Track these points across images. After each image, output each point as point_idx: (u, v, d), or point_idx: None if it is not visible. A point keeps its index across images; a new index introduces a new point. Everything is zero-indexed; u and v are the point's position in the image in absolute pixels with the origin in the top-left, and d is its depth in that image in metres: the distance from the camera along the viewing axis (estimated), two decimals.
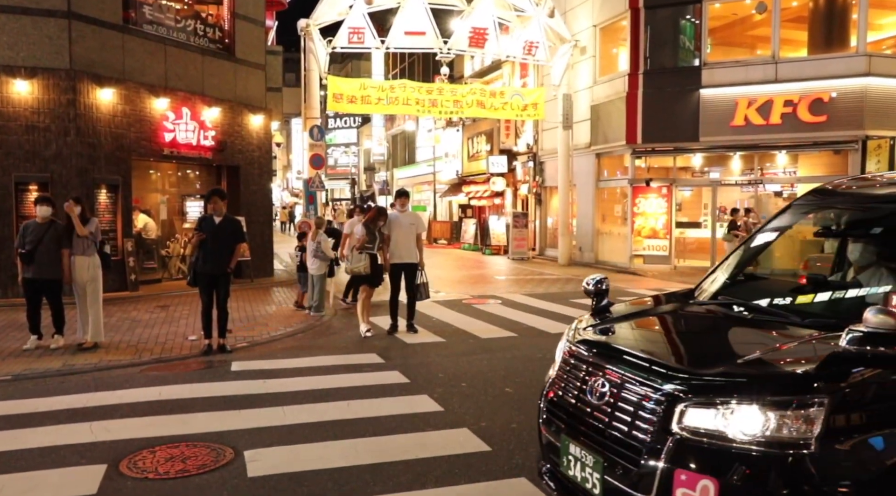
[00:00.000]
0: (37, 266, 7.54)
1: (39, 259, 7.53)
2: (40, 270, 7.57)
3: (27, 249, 7.52)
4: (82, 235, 7.67)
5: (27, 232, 7.62)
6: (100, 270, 7.90)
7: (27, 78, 11.31)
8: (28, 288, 7.68)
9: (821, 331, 2.78)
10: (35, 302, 7.74)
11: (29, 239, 7.54)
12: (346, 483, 3.97)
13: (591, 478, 2.76)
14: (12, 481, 4.01)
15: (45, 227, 7.61)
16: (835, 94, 14.43)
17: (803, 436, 2.27)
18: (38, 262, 7.53)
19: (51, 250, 7.57)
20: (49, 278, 7.61)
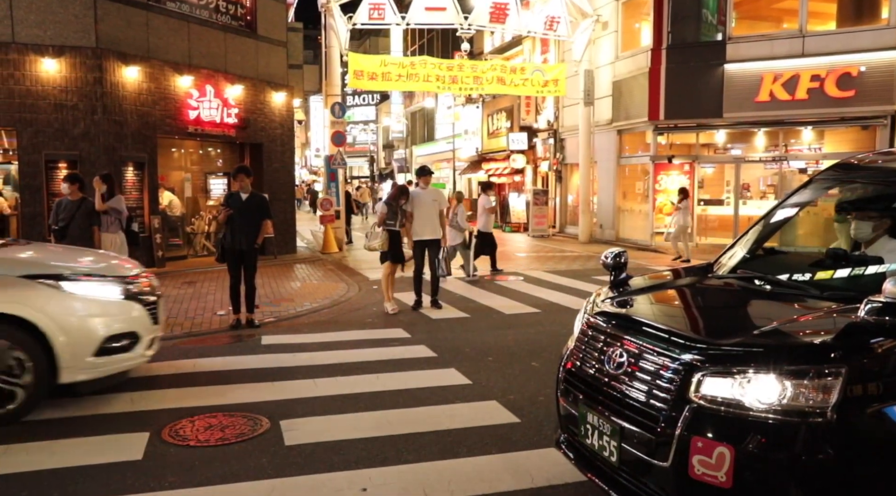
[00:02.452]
0: (69, 242, 7.75)
1: (71, 234, 7.74)
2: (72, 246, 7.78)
3: (60, 226, 7.75)
4: (100, 210, 7.92)
5: (60, 209, 7.84)
6: (125, 247, 8.12)
7: (55, 56, 11.45)
8: None
9: (840, 303, 2.81)
10: None
11: (62, 216, 7.76)
12: (380, 451, 4.11)
13: (609, 447, 2.85)
14: (62, 446, 4.22)
15: (76, 203, 7.82)
16: (864, 68, 14.15)
17: (820, 405, 2.33)
18: (70, 238, 7.74)
19: (82, 226, 7.79)
20: None
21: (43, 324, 4.58)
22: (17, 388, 4.53)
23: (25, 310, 4.56)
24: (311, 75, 43.47)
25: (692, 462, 2.47)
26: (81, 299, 4.83)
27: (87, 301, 4.86)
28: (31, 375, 4.57)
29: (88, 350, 4.78)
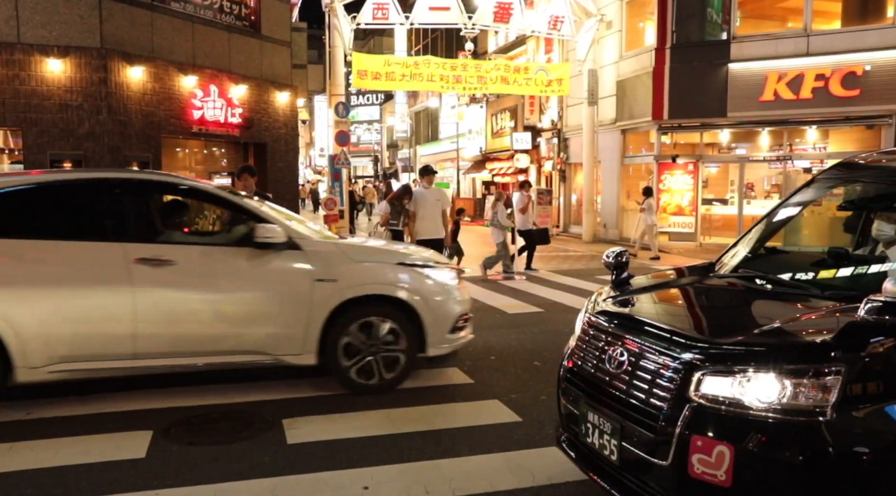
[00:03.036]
0: None
1: None
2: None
3: None
4: None
5: None
6: None
7: (60, 57, 11.51)
8: None
9: (841, 302, 2.81)
10: None
11: None
12: (382, 450, 4.12)
13: (609, 445, 2.85)
14: (65, 444, 4.24)
15: None
16: (868, 68, 14.11)
17: (819, 404, 2.33)
18: None
19: None
20: None
21: (416, 305, 5.15)
22: (400, 355, 5.17)
23: (403, 292, 5.17)
24: (315, 75, 43.55)
25: (692, 461, 2.47)
26: (440, 283, 5.35)
27: (442, 285, 5.37)
28: (406, 350, 5.17)
29: (447, 327, 5.32)
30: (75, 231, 4.90)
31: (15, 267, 4.59)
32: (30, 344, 4.52)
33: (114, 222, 4.96)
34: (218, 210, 5.82)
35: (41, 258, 4.67)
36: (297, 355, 5.01)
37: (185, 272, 4.82)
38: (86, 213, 5.05)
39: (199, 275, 4.89)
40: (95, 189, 5.07)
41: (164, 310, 4.76)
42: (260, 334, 4.91)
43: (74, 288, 4.66)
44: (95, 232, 4.91)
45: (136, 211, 5.04)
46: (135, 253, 4.71)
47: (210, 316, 4.91)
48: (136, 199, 5.09)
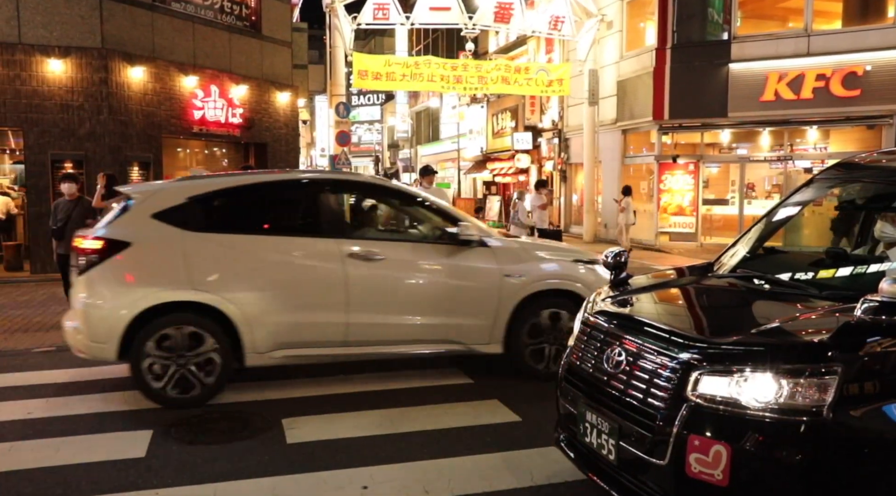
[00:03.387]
0: (66, 242, 7.67)
1: (69, 235, 7.68)
2: (69, 246, 7.73)
3: (58, 226, 7.75)
4: (95, 206, 7.86)
5: (58, 210, 7.86)
6: None
7: (61, 57, 11.53)
8: (61, 263, 7.92)
9: (839, 302, 2.82)
10: (69, 277, 7.96)
11: (60, 217, 7.76)
12: (381, 449, 4.13)
13: (607, 445, 2.86)
14: (66, 444, 4.25)
15: (73, 203, 7.81)
16: (869, 68, 14.09)
17: (816, 403, 2.33)
18: (67, 238, 7.68)
19: (79, 226, 7.65)
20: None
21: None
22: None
23: (577, 286, 5.44)
24: (316, 75, 43.54)
25: (689, 460, 2.48)
26: (602, 278, 5.37)
27: (603, 280, 5.50)
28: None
29: None
30: (296, 228, 5.39)
31: (245, 260, 4.97)
32: (257, 331, 4.89)
33: (329, 219, 5.38)
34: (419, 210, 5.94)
35: (268, 252, 5.05)
36: (485, 344, 5.35)
37: (391, 266, 5.20)
38: (305, 211, 5.46)
39: (404, 269, 5.26)
40: (311, 188, 5.54)
41: (373, 300, 5.14)
42: (456, 325, 5.26)
43: (296, 280, 5.04)
44: (313, 229, 5.28)
45: (347, 209, 5.64)
46: (348, 248, 5.10)
47: (414, 307, 5.24)
48: (345, 198, 5.70)
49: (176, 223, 4.92)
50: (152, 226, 4.90)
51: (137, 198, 5.09)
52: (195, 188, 5.24)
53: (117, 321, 4.70)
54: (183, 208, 4.98)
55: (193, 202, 5.04)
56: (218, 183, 5.54)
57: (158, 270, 4.85)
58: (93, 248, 4.82)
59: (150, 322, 4.75)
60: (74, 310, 5.03)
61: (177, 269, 4.82)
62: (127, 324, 4.70)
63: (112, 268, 4.78)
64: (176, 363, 4.76)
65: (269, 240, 5.14)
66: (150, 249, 4.88)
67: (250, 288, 4.89)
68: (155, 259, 4.88)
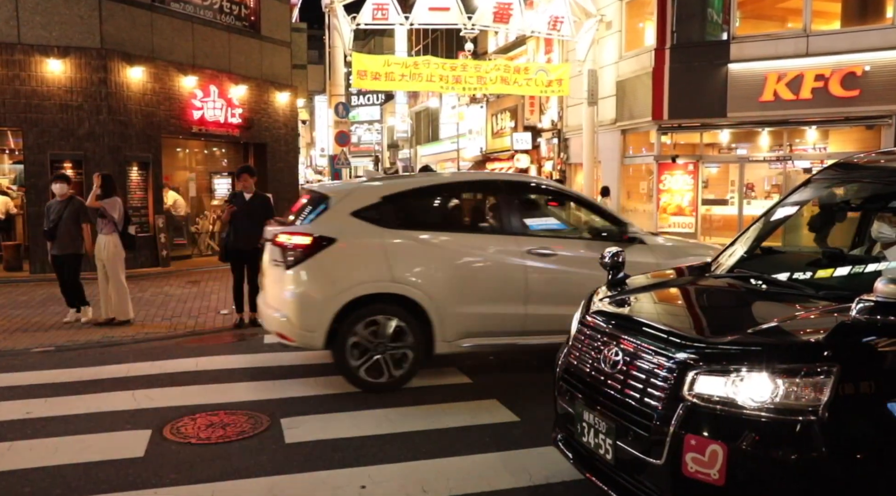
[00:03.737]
0: (58, 243, 7.70)
1: (60, 235, 7.67)
2: (61, 247, 7.72)
3: (49, 227, 7.69)
4: (90, 206, 7.77)
5: (50, 211, 7.79)
6: (118, 250, 7.79)
7: (60, 57, 11.53)
8: (55, 264, 7.90)
9: (835, 302, 2.82)
10: (63, 277, 7.93)
11: (52, 218, 7.70)
12: (380, 449, 4.13)
13: (604, 445, 2.87)
14: (65, 443, 4.26)
15: (63, 203, 7.73)
16: (868, 68, 14.10)
17: (812, 403, 2.34)
18: (59, 239, 7.69)
19: (69, 226, 7.70)
20: (68, 253, 7.75)
21: None
22: None
23: None
24: (315, 75, 43.52)
25: (685, 460, 2.48)
26: None
27: None
28: None
29: None
30: (480, 226, 5.91)
31: (437, 255, 5.36)
32: (447, 321, 5.27)
33: (509, 218, 5.70)
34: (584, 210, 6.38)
35: (457, 248, 5.42)
36: None
37: (563, 261, 5.57)
38: (487, 210, 5.93)
39: (573, 264, 5.59)
40: (492, 189, 6.00)
41: (547, 293, 5.48)
42: None
43: (483, 274, 5.42)
44: (496, 226, 5.71)
45: (524, 208, 5.94)
46: (527, 245, 5.51)
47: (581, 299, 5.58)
48: (521, 198, 6.04)
49: (372, 221, 5.34)
50: (353, 223, 5.31)
51: (334, 197, 5.49)
52: (388, 188, 5.65)
53: (326, 312, 5.10)
54: (377, 207, 5.40)
55: (387, 201, 5.46)
56: (409, 183, 6.00)
57: (362, 264, 5.25)
58: (302, 244, 5.20)
59: (354, 312, 5.13)
60: (281, 301, 5.34)
61: (378, 264, 5.22)
62: (335, 314, 5.10)
63: (320, 263, 5.17)
64: (376, 350, 5.17)
65: (457, 237, 5.57)
66: (352, 245, 5.28)
67: (442, 281, 5.25)
68: (358, 254, 5.28)
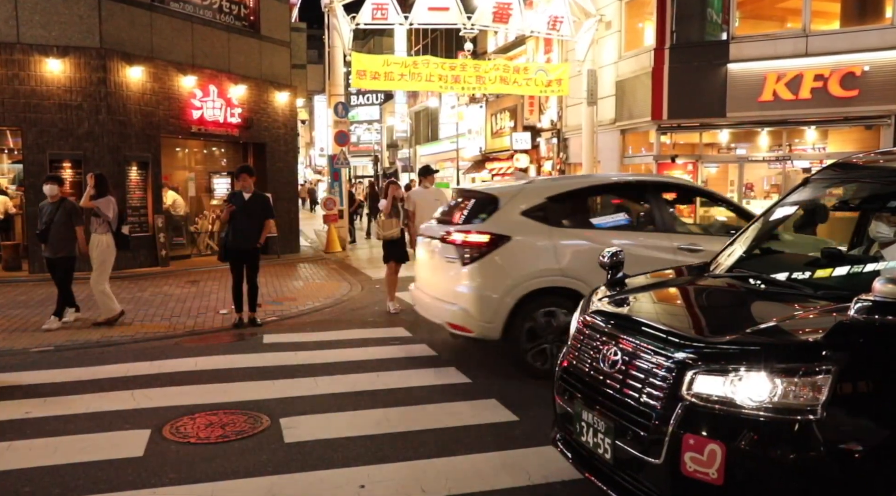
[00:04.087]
0: (50, 245, 7.57)
1: (52, 236, 7.54)
2: (52, 248, 7.60)
3: (41, 229, 7.58)
4: (84, 206, 7.68)
5: (42, 212, 7.67)
6: (110, 250, 7.74)
7: (59, 57, 11.53)
8: (49, 266, 7.80)
9: (833, 302, 2.82)
10: (58, 277, 7.76)
11: (44, 219, 7.59)
12: (379, 449, 4.14)
13: (603, 444, 2.87)
14: (64, 443, 4.26)
15: (55, 205, 7.60)
16: (867, 68, 14.11)
17: (810, 402, 2.34)
18: (51, 241, 7.55)
19: (60, 228, 7.55)
20: (60, 256, 7.61)
21: None
22: None
23: None
24: (314, 75, 43.46)
25: (684, 459, 2.49)
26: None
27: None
28: None
29: None
30: (636, 224, 6.15)
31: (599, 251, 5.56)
32: None
33: (661, 216, 5.95)
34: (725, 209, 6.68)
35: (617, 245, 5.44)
36: None
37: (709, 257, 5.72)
38: (642, 209, 6.20)
39: None
40: (644, 189, 6.24)
41: None
42: None
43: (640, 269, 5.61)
44: (650, 225, 5.98)
45: (672, 207, 6.22)
46: (676, 241, 5.80)
47: None
48: (670, 197, 6.30)
49: (540, 219, 5.69)
50: (523, 222, 5.65)
51: (503, 198, 5.81)
52: (552, 189, 6.03)
53: (504, 305, 5.43)
54: (544, 206, 5.76)
55: (551, 201, 5.82)
56: (571, 185, 6.31)
57: (534, 260, 5.53)
58: (480, 242, 5.55)
59: (528, 304, 5.43)
60: (457, 295, 5.64)
61: (548, 260, 5.54)
62: (512, 307, 5.41)
63: (497, 259, 5.49)
64: (545, 339, 5.48)
65: (618, 234, 5.81)
66: (525, 242, 5.55)
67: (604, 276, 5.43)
68: (530, 251, 5.54)
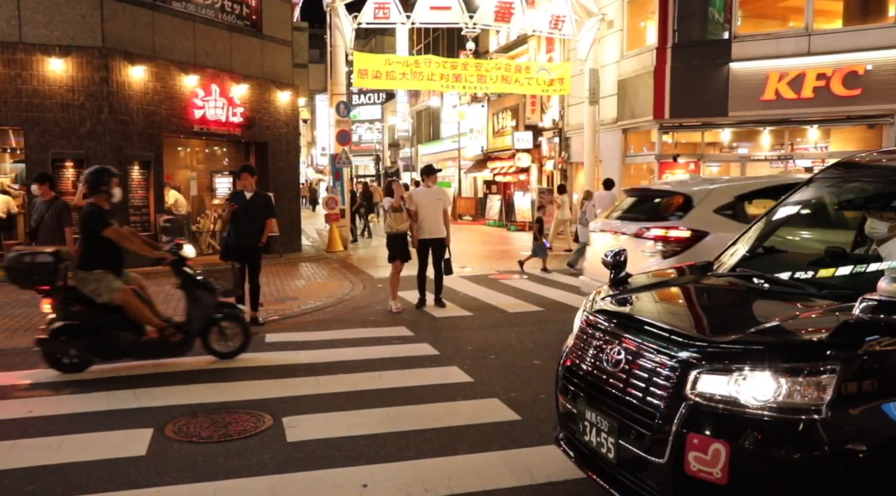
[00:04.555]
0: (40, 243, 7.28)
1: (42, 235, 7.38)
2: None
3: (32, 227, 7.44)
4: (76, 205, 7.49)
5: (35, 210, 7.53)
6: None
7: (61, 56, 11.53)
8: None
9: (837, 301, 2.81)
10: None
11: (35, 217, 7.45)
12: (381, 448, 4.14)
13: (607, 443, 2.86)
14: (67, 442, 4.27)
15: (47, 204, 7.42)
16: (870, 67, 14.08)
17: (815, 402, 2.34)
18: (42, 239, 7.35)
19: (51, 228, 7.39)
20: None
21: None
22: None
23: None
24: (316, 74, 43.48)
25: (688, 458, 2.48)
26: None
27: None
28: None
29: None
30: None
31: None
32: None
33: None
34: None
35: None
36: None
37: None
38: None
39: None
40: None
41: None
42: None
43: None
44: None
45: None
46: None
47: None
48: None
49: (730, 216, 6.07)
50: (717, 219, 6.09)
51: (696, 197, 6.33)
52: (739, 189, 6.45)
53: None
54: (732, 205, 6.21)
55: (739, 199, 6.25)
56: (757, 184, 6.66)
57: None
58: (683, 237, 6.04)
59: None
60: None
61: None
62: None
63: (697, 253, 5.74)
64: None
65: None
66: (719, 238, 5.66)
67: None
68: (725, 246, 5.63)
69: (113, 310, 5.78)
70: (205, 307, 6.05)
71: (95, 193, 5.96)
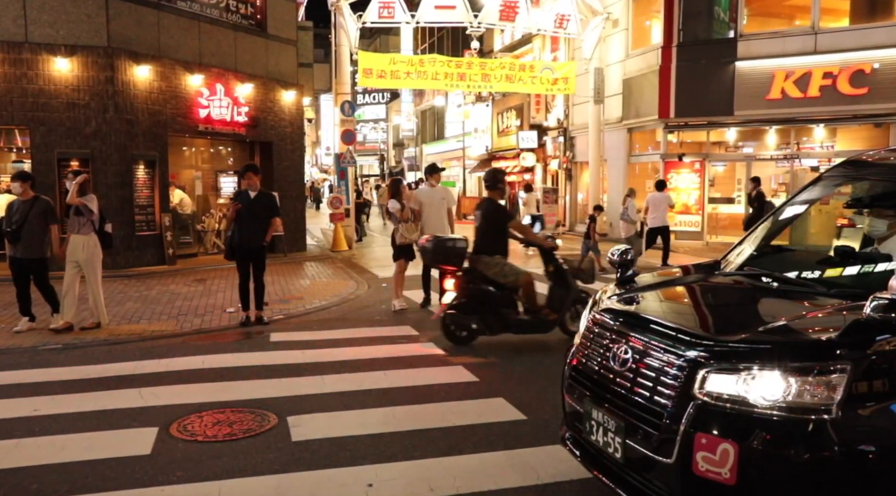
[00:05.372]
0: (23, 245, 7.21)
1: (26, 237, 7.19)
2: (26, 249, 7.20)
3: (12, 228, 7.15)
4: (71, 203, 7.31)
5: (13, 210, 7.26)
6: (97, 250, 7.44)
7: (67, 56, 11.56)
8: (15, 268, 7.32)
9: (847, 300, 2.79)
10: (23, 282, 7.39)
11: (15, 218, 7.18)
12: (387, 447, 4.12)
13: (613, 443, 2.84)
14: (72, 441, 4.26)
15: (28, 203, 7.21)
16: (877, 66, 14.02)
17: (825, 402, 2.32)
18: (26, 241, 7.20)
19: (34, 228, 7.18)
20: (35, 257, 7.26)
21: None
22: None
23: None
24: (321, 74, 43.54)
25: (696, 458, 2.46)
26: None
27: None
28: None
29: None
30: None
31: None
32: None
33: None
34: None
35: None
36: None
37: None
38: None
39: None
40: None
41: None
42: None
43: None
44: None
45: None
46: None
47: None
48: None
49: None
50: None
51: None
52: None
53: None
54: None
55: None
56: None
57: None
58: None
59: None
60: None
61: None
62: None
63: None
64: None
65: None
66: None
67: None
68: None
69: (509, 290, 6.59)
70: (575, 292, 6.81)
71: (493, 190, 6.90)
